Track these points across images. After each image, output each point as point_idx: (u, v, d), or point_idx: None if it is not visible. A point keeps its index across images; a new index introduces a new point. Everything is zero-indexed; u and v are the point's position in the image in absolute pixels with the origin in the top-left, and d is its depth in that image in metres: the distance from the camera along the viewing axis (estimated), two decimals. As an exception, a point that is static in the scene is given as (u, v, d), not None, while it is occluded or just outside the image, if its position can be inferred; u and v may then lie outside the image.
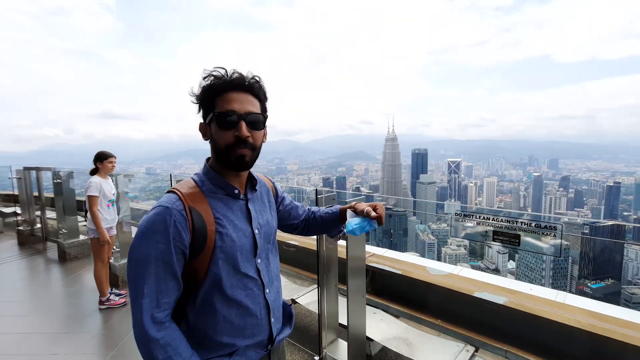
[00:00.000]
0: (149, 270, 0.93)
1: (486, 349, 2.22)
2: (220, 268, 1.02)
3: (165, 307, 0.96)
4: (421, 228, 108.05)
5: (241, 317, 1.06)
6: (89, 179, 3.60)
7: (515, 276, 76.71)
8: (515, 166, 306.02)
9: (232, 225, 1.05)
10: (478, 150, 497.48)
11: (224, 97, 1.02)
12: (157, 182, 12.91)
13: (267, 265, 1.16)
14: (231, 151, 1.03)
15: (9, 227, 7.01)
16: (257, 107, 1.07)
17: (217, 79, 1.02)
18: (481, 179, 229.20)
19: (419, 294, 2.66)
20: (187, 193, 1.02)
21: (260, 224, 1.14)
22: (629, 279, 77.99)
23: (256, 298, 1.09)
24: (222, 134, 1.02)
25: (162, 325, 0.94)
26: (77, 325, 3.35)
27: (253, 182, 1.18)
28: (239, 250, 1.05)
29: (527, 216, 1.70)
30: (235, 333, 1.05)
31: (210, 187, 1.07)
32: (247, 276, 1.07)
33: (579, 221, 30.39)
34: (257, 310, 1.09)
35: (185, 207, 0.98)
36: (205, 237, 0.99)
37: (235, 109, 1.01)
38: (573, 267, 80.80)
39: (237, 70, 1.04)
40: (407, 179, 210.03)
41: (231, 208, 1.08)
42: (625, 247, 79.63)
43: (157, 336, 0.92)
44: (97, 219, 3.56)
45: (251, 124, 1.04)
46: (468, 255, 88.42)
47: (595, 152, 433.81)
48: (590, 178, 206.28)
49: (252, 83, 1.05)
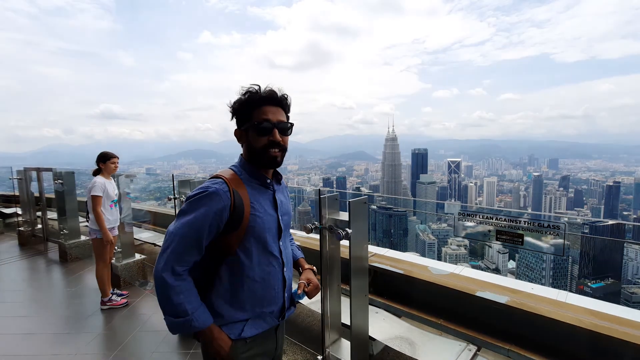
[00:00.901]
0: (185, 234, 1.17)
1: (488, 348, 2.22)
2: (252, 245, 1.27)
3: (185, 264, 1.18)
4: (421, 228, 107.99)
5: (263, 288, 1.31)
6: (92, 179, 3.61)
7: (515, 276, 76.61)
8: (515, 166, 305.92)
9: (262, 210, 1.30)
10: (478, 150, 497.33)
11: (261, 110, 1.28)
12: (157, 183, 12.90)
13: (285, 248, 1.43)
14: (266, 152, 1.29)
15: (10, 228, 7.01)
16: (285, 117, 1.35)
17: (255, 93, 1.29)
18: (481, 179, 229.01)
19: (421, 293, 2.66)
20: (230, 178, 1.27)
21: (282, 212, 1.40)
22: (628, 278, 77.94)
23: (277, 274, 1.36)
24: (259, 139, 1.29)
25: (180, 276, 1.17)
26: (79, 325, 3.36)
27: (278, 177, 1.45)
28: (268, 231, 1.30)
29: (527, 216, 1.71)
30: (256, 301, 1.31)
31: (247, 177, 1.32)
32: (272, 254, 1.33)
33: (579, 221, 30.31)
34: (276, 284, 1.36)
35: (230, 189, 1.22)
36: (242, 217, 1.23)
37: (270, 118, 1.28)
38: (573, 267, 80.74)
39: (270, 86, 1.30)
40: (407, 179, 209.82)
41: (262, 195, 1.34)
42: (625, 246, 79.62)
43: (174, 284, 1.15)
44: (100, 219, 3.56)
45: (282, 131, 1.31)
46: (468, 255, 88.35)
47: (595, 152, 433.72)
48: (590, 178, 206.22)
49: (282, 98, 1.32)
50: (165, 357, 2.84)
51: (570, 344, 2.01)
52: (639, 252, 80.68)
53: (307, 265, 1.58)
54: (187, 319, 1.16)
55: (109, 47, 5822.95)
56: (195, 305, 1.19)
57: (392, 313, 2.68)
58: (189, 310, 1.16)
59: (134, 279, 4.30)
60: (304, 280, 1.46)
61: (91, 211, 3.58)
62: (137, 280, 4.32)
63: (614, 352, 1.87)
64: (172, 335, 3.12)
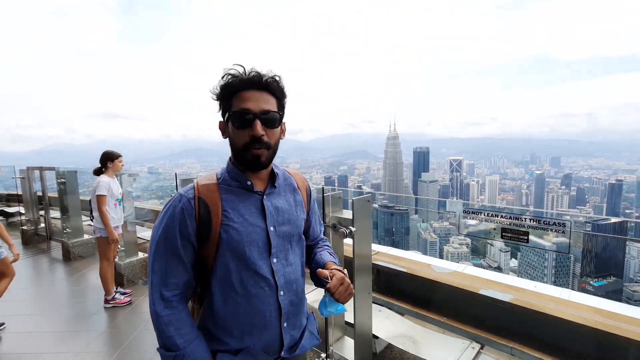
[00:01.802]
0: (159, 250, 1.02)
1: (492, 346, 2.23)
2: (228, 260, 1.04)
3: (174, 287, 1.02)
4: (423, 226, 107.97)
5: (249, 314, 1.06)
6: (97, 178, 3.63)
7: (517, 274, 76.56)
8: (517, 164, 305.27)
9: (241, 219, 1.05)
10: (480, 148, 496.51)
11: (240, 96, 1.03)
12: (159, 182, 12.93)
13: (285, 266, 1.12)
14: (247, 151, 1.04)
15: (13, 227, 7.04)
16: (273, 105, 1.06)
17: (234, 77, 1.03)
18: (483, 177, 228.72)
19: (424, 291, 2.67)
20: (202, 184, 1.07)
21: (277, 222, 1.11)
22: (630, 276, 77.77)
23: (267, 298, 1.07)
24: (238, 133, 1.04)
25: (169, 303, 1.01)
26: (82, 324, 3.37)
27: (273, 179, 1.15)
28: (247, 245, 1.04)
29: (529, 214, 1.70)
30: (242, 328, 1.06)
31: (227, 180, 1.09)
32: (258, 274, 1.06)
33: (581, 219, 30.30)
34: (266, 312, 1.07)
35: (195, 196, 1.04)
36: (210, 228, 1.02)
37: (250, 107, 1.01)
38: (575, 265, 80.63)
39: (255, 69, 1.05)
40: (409, 178, 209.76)
41: (244, 202, 1.08)
42: (628, 244, 79.41)
43: (162, 313, 1.00)
44: (106, 218, 3.58)
45: (266, 122, 1.04)
46: (470, 254, 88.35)
47: (597, 150, 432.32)
48: (592, 176, 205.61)
49: (269, 81, 1.05)
50: (168, 355, 2.85)
51: (574, 342, 2.01)
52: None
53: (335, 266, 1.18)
54: (178, 354, 0.99)
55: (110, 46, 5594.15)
56: (188, 339, 1.01)
57: (395, 311, 2.68)
58: (179, 345, 0.99)
59: (137, 278, 4.31)
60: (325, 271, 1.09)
61: (96, 210, 3.60)
62: (140, 278, 4.33)
63: (618, 350, 1.87)
64: (175, 334, 3.13)
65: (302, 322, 1.20)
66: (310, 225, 1.31)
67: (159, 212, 1.07)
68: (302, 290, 1.21)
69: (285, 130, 1.15)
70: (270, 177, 1.15)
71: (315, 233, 1.35)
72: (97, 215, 3.61)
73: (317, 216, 1.37)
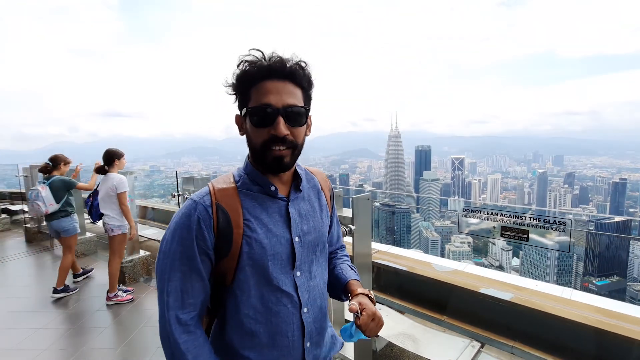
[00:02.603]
0: (175, 267, 0.87)
1: (492, 345, 2.23)
2: (248, 276, 0.90)
3: (191, 308, 0.88)
4: (425, 225, 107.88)
5: (269, 334, 0.92)
6: (111, 175, 3.70)
7: (519, 273, 76.52)
8: (519, 163, 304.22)
9: (264, 230, 0.91)
10: (482, 146, 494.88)
11: (260, 88, 0.86)
12: (161, 180, 12.98)
13: (309, 280, 0.98)
14: (267, 150, 0.88)
15: (17, 225, 7.08)
16: (298, 98, 0.89)
17: (251, 65, 0.86)
18: (485, 176, 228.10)
19: (424, 290, 2.67)
20: (218, 188, 0.91)
21: (303, 231, 0.97)
22: (634, 275, 77.49)
23: (289, 316, 0.94)
24: (258, 132, 0.88)
25: (186, 327, 0.87)
26: (85, 320, 3.40)
27: (298, 182, 1.00)
28: (271, 259, 0.90)
29: (532, 212, 1.70)
30: (262, 351, 0.93)
31: (246, 183, 0.94)
32: (280, 290, 0.92)
33: (584, 217, 30.18)
34: (289, 331, 0.94)
35: (212, 204, 0.88)
36: (231, 240, 0.87)
37: (272, 101, 0.85)
38: (578, 264, 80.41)
39: (277, 53, 0.87)
40: (411, 176, 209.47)
41: (267, 209, 0.93)
42: (631, 243, 79.07)
43: (180, 340, 0.85)
44: (129, 214, 3.72)
45: (291, 119, 0.87)
46: (472, 252, 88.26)
47: (600, 148, 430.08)
48: (596, 174, 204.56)
49: (294, 69, 0.87)
50: (170, 352, 2.87)
51: (575, 341, 2.00)
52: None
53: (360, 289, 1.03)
54: None
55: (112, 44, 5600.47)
56: None
57: (395, 309, 2.68)
58: None
59: (139, 275, 4.34)
60: (355, 304, 0.93)
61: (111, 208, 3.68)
62: (141, 276, 4.36)
63: (620, 350, 1.86)
64: (176, 331, 3.15)
65: (325, 341, 1.07)
66: (331, 229, 1.16)
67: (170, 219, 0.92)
68: (326, 306, 1.07)
69: (311, 125, 0.98)
70: (293, 179, 1.00)
71: (334, 238, 1.21)
72: (114, 212, 3.68)
73: (337, 219, 1.22)
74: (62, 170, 4.15)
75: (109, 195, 3.66)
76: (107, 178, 3.70)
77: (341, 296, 1.11)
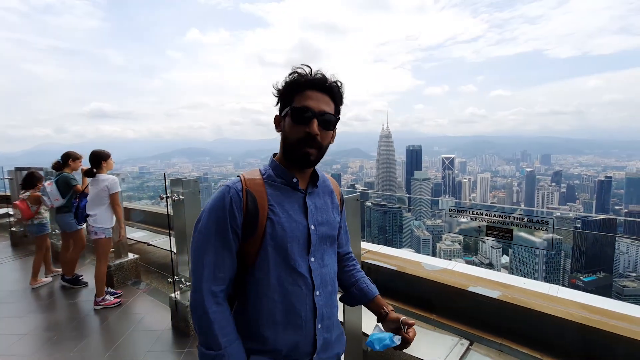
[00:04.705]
0: (210, 242, 1.01)
1: (481, 343, 2.25)
2: (269, 256, 1.03)
3: (220, 282, 1.02)
4: (416, 224, 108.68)
5: (284, 312, 1.05)
6: (102, 176, 3.65)
7: (508, 270, 77.57)
8: (508, 162, 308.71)
9: (286, 215, 1.06)
10: (471, 146, 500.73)
11: (303, 94, 1.05)
12: (151, 182, 12.79)
13: (322, 267, 1.12)
14: (299, 147, 1.05)
15: (2, 229, 6.92)
16: (331, 108, 1.09)
17: (300, 75, 1.06)
18: (475, 175, 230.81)
19: (413, 289, 2.69)
20: (248, 177, 1.08)
21: (318, 221, 1.12)
22: (620, 271, 79.33)
23: (303, 298, 1.06)
24: (295, 128, 1.05)
25: (216, 299, 1.00)
26: (73, 325, 3.33)
27: (315, 178, 1.17)
28: (289, 241, 1.05)
29: (520, 211, 1.73)
30: (277, 328, 1.05)
31: (271, 175, 1.11)
32: (296, 271, 1.06)
33: (571, 215, 30.75)
34: (302, 311, 1.06)
35: (242, 189, 1.04)
36: (257, 221, 1.03)
37: (311, 106, 1.04)
38: (566, 261, 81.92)
39: (321, 71, 1.07)
40: (402, 176, 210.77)
41: (288, 198, 1.09)
42: (617, 240, 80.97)
43: (210, 310, 0.98)
44: (121, 215, 3.70)
45: (323, 123, 1.05)
46: (462, 251, 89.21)
47: (587, 147, 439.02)
48: (582, 173, 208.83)
49: (332, 85, 1.08)
50: (159, 356, 2.84)
51: (561, 338, 2.04)
52: (630, 246, 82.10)
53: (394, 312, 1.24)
54: (219, 354, 0.97)
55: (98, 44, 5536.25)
56: (230, 339, 0.99)
57: (386, 309, 2.69)
58: (222, 344, 0.97)
59: (127, 279, 4.28)
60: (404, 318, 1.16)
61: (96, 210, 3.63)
62: (130, 279, 4.30)
63: (604, 345, 1.90)
64: (166, 335, 3.11)
65: (334, 326, 1.19)
66: (340, 230, 1.30)
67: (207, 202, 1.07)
68: (336, 293, 1.20)
69: (334, 136, 1.15)
70: (311, 177, 1.17)
71: (343, 240, 1.35)
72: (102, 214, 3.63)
73: (346, 226, 1.39)
74: (73, 167, 4.20)
75: (99, 197, 3.61)
76: (97, 180, 3.64)
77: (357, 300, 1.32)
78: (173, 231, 3.20)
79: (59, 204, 4.06)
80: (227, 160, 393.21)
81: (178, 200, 2.99)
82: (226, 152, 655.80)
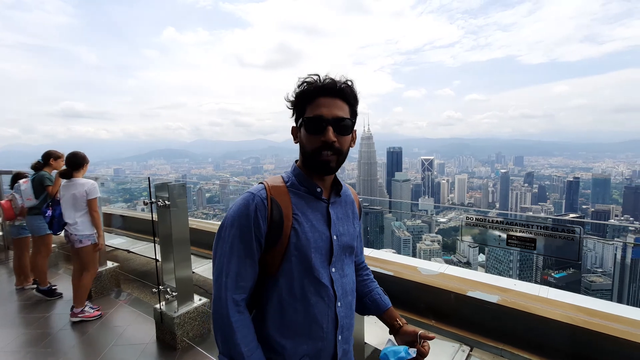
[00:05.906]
0: (234, 251, 0.99)
1: (481, 348, 2.24)
2: (293, 266, 1.02)
3: (242, 291, 0.99)
4: (397, 225, 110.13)
5: (306, 323, 1.03)
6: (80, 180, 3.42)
7: (485, 269, 79.83)
8: (484, 163, 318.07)
9: (309, 225, 1.05)
10: (449, 148, 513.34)
11: (314, 103, 1.04)
12: (126, 184, 12.33)
13: (342, 277, 1.11)
14: (317, 155, 1.04)
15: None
16: (345, 111, 1.06)
17: (309, 84, 1.05)
18: (453, 176, 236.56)
19: (411, 295, 2.65)
20: (272, 185, 1.06)
21: (340, 232, 1.11)
22: (588, 268, 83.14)
23: (325, 309, 1.05)
24: (310, 139, 1.04)
25: (238, 308, 0.98)
26: (49, 340, 3.10)
27: (338, 188, 1.15)
28: (313, 251, 1.03)
29: (494, 212, 1.72)
30: (298, 339, 1.03)
31: (295, 184, 1.09)
32: (319, 282, 1.04)
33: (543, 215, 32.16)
34: (324, 322, 1.05)
35: (267, 197, 1.02)
36: (281, 230, 1.01)
37: (324, 113, 1.02)
38: (538, 259, 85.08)
39: (329, 76, 1.06)
40: (383, 177, 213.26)
41: (311, 207, 1.08)
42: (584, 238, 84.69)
43: (233, 318, 0.96)
44: (100, 222, 3.46)
45: (338, 129, 1.03)
46: (442, 250, 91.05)
47: (556, 149, 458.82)
48: (552, 174, 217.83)
49: (342, 88, 1.05)
50: (145, 372, 2.67)
51: (562, 341, 2.04)
52: (597, 244, 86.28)
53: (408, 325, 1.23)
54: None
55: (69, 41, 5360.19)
56: (251, 348, 0.98)
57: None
58: (244, 353, 0.96)
59: (107, 289, 4.05)
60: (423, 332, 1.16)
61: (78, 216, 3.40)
62: (110, 289, 4.07)
63: (604, 348, 1.92)
64: (151, 348, 2.94)
65: (352, 338, 1.18)
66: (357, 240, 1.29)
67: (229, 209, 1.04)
68: (354, 304, 1.19)
69: (355, 139, 1.13)
70: (333, 186, 1.15)
71: (358, 251, 1.32)
72: (83, 221, 3.39)
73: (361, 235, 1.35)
74: (55, 166, 3.91)
75: (78, 203, 3.37)
76: (72, 184, 3.39)
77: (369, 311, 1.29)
78: (158, 238, 3.04)
79: (30, 204, 3.82)
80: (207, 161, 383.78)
81: (164, 205, 2.84)
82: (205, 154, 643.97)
